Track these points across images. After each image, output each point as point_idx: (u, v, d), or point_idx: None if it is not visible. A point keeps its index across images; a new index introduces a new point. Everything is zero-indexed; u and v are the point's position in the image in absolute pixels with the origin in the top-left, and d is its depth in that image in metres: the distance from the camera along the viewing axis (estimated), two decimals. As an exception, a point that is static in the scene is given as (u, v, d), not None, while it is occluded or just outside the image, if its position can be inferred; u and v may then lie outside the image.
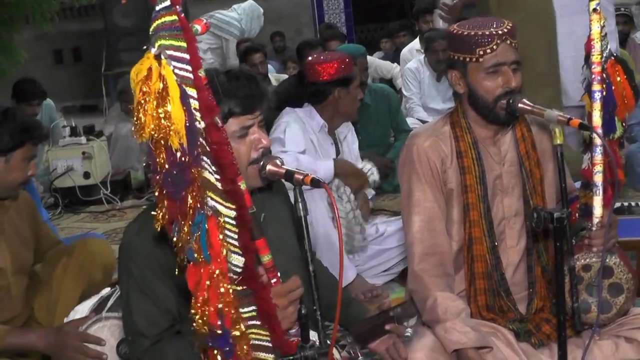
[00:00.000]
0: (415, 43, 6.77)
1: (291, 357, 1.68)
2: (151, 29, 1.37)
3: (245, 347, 1.53)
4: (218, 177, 1.48)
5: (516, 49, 2.13)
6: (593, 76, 2.13)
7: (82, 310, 2.66)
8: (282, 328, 1.66)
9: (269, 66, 7.37)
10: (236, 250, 1.53)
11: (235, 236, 1.52)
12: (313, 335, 1.74)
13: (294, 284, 1.73)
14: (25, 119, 2.65)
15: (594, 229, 2.13)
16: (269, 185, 2.02)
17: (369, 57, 6.16)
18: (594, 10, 2.10)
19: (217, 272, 1.43)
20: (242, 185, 1.56)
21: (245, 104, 1.86)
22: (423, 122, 5.37)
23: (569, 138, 3.60)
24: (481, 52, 2.08)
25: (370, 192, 3.72)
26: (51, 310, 2.81)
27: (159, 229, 1.42)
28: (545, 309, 2.21)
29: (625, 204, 3.41)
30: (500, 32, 2.08)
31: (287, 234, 2.04)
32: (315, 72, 3.27)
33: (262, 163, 1.82)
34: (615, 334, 2.12)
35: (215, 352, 1.52)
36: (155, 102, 1.33)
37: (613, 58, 2.20)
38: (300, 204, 1.68)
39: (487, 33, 2.08)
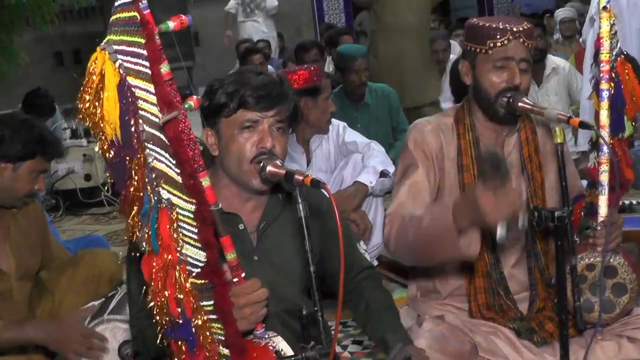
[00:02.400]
0: None
1: (293, 358, 1.68)
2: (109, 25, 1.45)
3: (208, 335, 1.55)
4: (178, 170, 1.51)
5: (529, 49, 2.13)
6: (601, 74, 2.11)
7: (85, 312, 2.66)
8: (235, 327, 1.64)
9: (269, 67, 7.37)
10: (195, 243, 1.55)
11: (194, 230, 1.54)
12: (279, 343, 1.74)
13: (253, 286, 1.70)
14: (43, 132, 2.60)
15: (598, 228, 2.12)
16: (288, 192, 1.99)
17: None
18: (604, 8, 2.09)
19: (168, 263, 1.47)
20: (205, 182, 1.57)
21: (257, 99, 1.84)
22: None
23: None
24: (491, 44, 2.08)
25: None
26: None
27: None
28: (547, 308, 2.20)
29: (627, 202, 3.42)
30: (515, 29, 2.08)
31: (294, 244, 1.98)
32: None
33: (262, 164, 1.80)
34: (618, 333, 2.11)
35: (180, 343, 1.54)
36: (93, 93, 1.41)
37: (623, 56, 2.17)
38: (300, 205, 1.67)
39: (501, 27, 2.08)
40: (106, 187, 5.84)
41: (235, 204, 1.93)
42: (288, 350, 1.74)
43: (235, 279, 1.69)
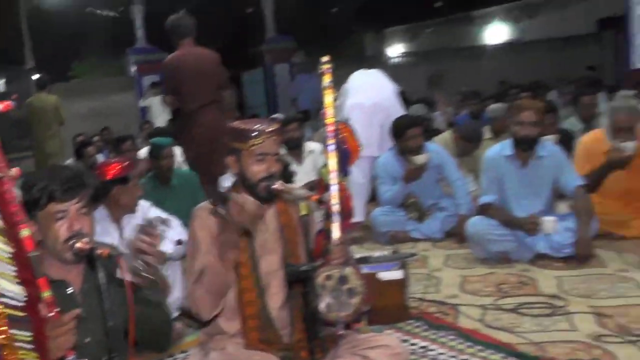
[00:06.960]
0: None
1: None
2: None
3: (12, 352, 1.83)
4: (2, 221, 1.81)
5: (279, 143, 2.67)
6: (328, 134, 2.54)
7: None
8: (49, 356, 1.92)
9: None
10: (13, 280, 1.86)
11: (13, 268, 1.86)
12: None
13: (64, 319, 1.96)
14: None
15: (333, 248, 2.51)
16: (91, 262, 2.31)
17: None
18: (326, 87, 2.48)
19: None
20: (25, 232, 1.85)
21: (63, 192, 2.22)
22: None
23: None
24: (252, 143, 2.58)
25: None
26: None
27: None
28: (303, 339, 2.67)
29: (366, 255, 4.18)
30: (268, 130, 2.59)
31: (99, 308, 2.30)
32: (100, 173, 3.96)
33: (72, 242, 2.24)
34: (353, 352, 2.58)
35: None
36: None
37: (344, 122, 2.81)
38: (100, 274, 2.21)
39: (259, 129, 2.57)
40: None
41: (63, 273, 2.34)
42: None
43: (50, 314, 1.95)
